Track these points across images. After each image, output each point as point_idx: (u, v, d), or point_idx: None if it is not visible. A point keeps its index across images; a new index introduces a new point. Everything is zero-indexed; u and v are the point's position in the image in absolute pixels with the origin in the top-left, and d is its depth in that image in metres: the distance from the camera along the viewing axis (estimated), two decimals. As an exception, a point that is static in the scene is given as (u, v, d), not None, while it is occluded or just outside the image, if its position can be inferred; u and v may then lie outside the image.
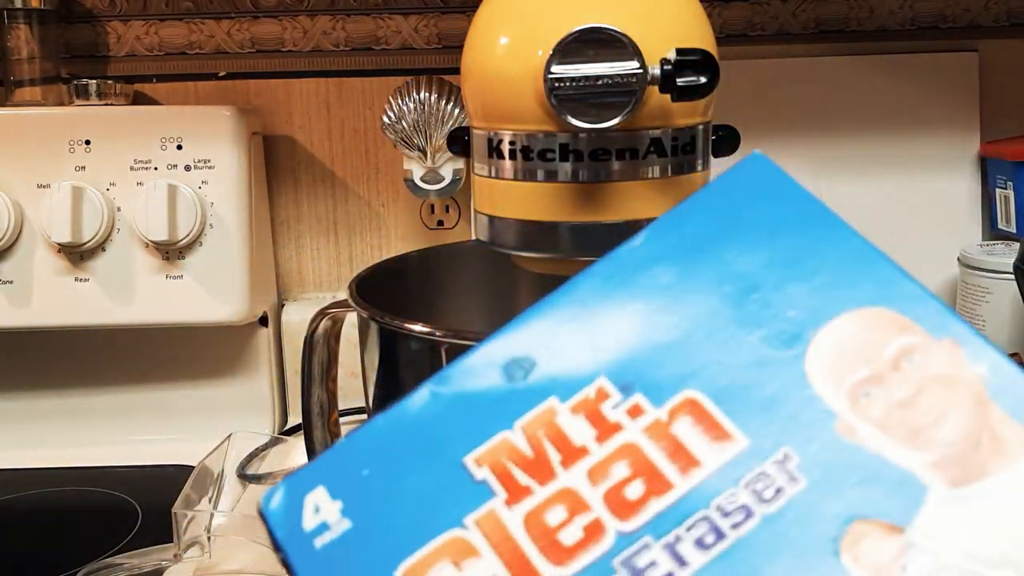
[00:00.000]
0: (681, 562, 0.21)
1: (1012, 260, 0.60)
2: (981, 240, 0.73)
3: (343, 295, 0.58)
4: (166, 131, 0.66)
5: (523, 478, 0.23)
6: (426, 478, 0.23)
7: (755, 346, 0.23)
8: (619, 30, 0.38)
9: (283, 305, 0.77)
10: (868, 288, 0.24)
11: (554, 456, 0.23)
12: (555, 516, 0.22)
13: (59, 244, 0.65)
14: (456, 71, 0.46)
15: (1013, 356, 0.64)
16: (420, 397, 0.24)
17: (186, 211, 0.65)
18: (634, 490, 0.22)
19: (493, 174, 0.44)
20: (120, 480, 0.65)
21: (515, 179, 0.43)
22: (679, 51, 0.39)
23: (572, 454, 0.23)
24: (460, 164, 0.70)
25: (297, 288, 0.79)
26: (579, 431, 0.23)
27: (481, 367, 0.25)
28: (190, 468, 0.58)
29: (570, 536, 0.22)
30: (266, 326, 0.73)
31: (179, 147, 0.66)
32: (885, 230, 0.73)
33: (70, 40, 0.75)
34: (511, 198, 0.43)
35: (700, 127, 0.43)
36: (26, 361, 0.72)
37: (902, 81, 0.72)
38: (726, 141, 0.45)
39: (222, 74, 0.76)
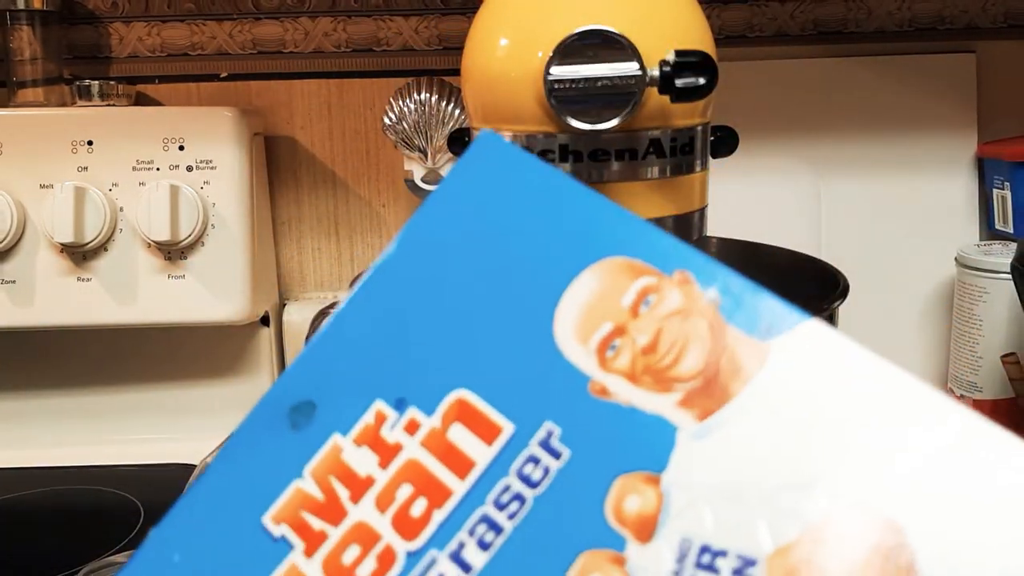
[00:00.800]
0: (466, 567, 0.21)
1: (1009, 260, 0.60)
2: (978, 240, 0.73)
3: (344, 295, 0.58)
4: (168, 132, 0.66)
5: (317, 524, 0.23)
6: (231, 548, 0.23)
7: (512, 325, 0.23)
8: (618, 32, 0.38)
9: (284, 305, 0.77)
10: (602, 241, 0.24)
11: (343, 493, 0.23)
12: (350, 555, 0.22)
13: (61, 244, 0.65)
14: (456, 72, 0.46)
15: (1008, 356, 0.64)
16: (215, 468, 0.25)
17: (188, 211, 0.65)
18: (418, 507, 0.22)
19: (493, 174, 0.44)
20: (122, 479, 0.65)
21: (515, 179, 0.43)
22: (678, 52, 0.39)
23: (360, 487, 0.23)
24: (460, 165, 0.70)
25: (298, 288, 0.79)
26: (363, 462, 0.23)
27: (265, 423, 0.25)
28: (192, 467, 0.58)
29: (365, 570, 0.22)
30: (267, 326, 0.73)
31: (181, 148, 0.66)
32: (883, 230, 0.73)
33: (72, 41, 0.75)
34: (511, 198, 0.44)
35: (699, 128, 0.43)
36: (28, 361, 0.73)
37: (900, 82, 0.73)
38: (725, 142, 0.45)
39: (224, 75, 0.76)
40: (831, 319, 0.46)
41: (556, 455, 0.22)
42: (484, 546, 0.21)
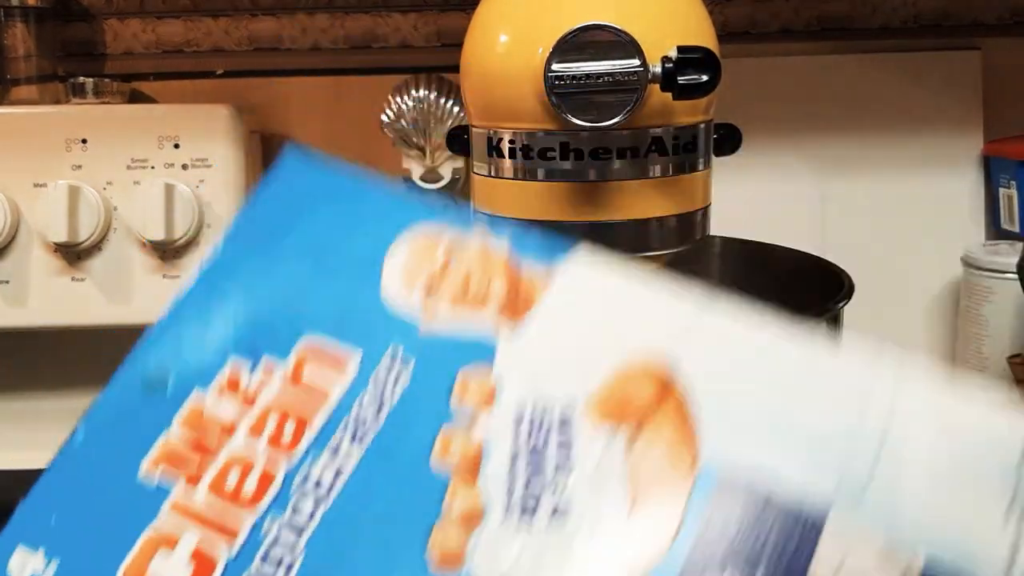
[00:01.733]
0: (343, 460, 0.26)
1: (1015, 260, 0.59)
2: (984, 240, 0.72)
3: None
4: (163, 130, 0.66)
5: (195, 460, 0.26)
6: (113, 495, 0.26)
7: (343, 286, 0.29)
8: (620, 27, 0.38)
9: (281, 305, 0.77)
10: (406, 221, 0.30)
11: (214, 435, 0.27)
12: (232, 478, 0.26)
13: (55, 244, 0.64)
14: (455, 69, 0.46)
15: (1015, 358, 0.64)
16: (78, 437, 0.28)
17: (183, 210, 0.65)
18: (289, 428, 0.26)
19: (493, 173, 0.43)
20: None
21: (515, 178, 0.42)
22: (680, 49, 0.38)
23: (228, 428, 0.27)
24: (459, 163, 0.69)
25: (295, 288, 0.78)
26: (227, 408, 0.27)
27: (121, 395, 0.28)
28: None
29: (250, 486, 0.26)
30: (264, 326, 0.73)
31: (176, 146, 0.66)
32: (887, 230, 0.73)
33: (67, 38, 0.75)
34: (511, 197, 0.43)
35: (701, 125, 0.43)
36: (22, 362, 0.72)
37: (904, 79, 0.72)
38: (728, 140, 0.45)
39: (220, 72, 0.75)
40: (836, 320, 0.46)
41: (405, 364, 0.27)
42: (357, 440, 0.26)
